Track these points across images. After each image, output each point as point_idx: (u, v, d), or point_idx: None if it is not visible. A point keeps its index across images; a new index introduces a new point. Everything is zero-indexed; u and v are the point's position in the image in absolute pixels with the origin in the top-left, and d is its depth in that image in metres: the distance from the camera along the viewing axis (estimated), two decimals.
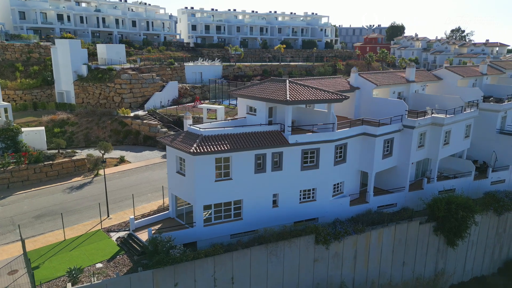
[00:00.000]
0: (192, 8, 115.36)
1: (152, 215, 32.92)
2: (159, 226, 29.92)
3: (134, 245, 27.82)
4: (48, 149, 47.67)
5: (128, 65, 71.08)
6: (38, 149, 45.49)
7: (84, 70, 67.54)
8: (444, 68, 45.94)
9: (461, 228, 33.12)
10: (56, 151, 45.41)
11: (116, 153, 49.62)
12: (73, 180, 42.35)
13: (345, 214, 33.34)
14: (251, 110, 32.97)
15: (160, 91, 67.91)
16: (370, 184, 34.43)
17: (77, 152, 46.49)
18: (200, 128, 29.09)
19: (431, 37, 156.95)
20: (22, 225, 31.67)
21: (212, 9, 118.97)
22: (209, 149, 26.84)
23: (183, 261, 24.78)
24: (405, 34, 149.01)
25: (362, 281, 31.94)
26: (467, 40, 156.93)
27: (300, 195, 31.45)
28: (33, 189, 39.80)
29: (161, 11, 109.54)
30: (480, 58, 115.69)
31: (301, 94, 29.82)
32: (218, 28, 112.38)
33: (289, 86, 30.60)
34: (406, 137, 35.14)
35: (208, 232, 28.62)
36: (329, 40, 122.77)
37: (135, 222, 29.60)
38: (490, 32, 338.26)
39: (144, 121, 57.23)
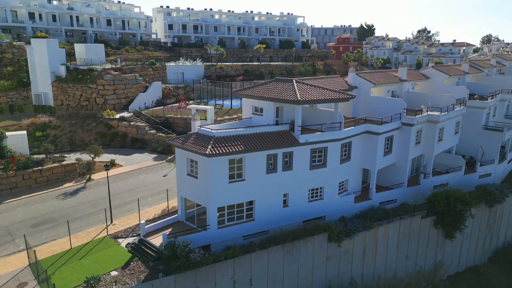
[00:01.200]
0: (167, 7, 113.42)
1: (158, 219, 32.22)
2: (169, 230, 29.30)
3: (148, 250, 27.11)
4: (31, 154, 45.49)
5: (109, 66, 68.99)
6: (23, 154, 43.31)
7: (62, 71, 64.94)
8: (431, 68, 47.71)
9: (459, 221, 34.58)
10: (44, 156, 43.43)
11: (105, 157, 48.08)
12: (64, 186, 40.64)
13: (350, 211, 33.96)
14: (257, 111, 32.89)
15: (144, 92, 66.39)
16: (373, 181, 35.25)
17: (65, 157, 44.63)
18: (212, 129, 28.74)
19: (401, 37, 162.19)
20: (20, 235, 30.12)
21: (188, 8, 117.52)
22: (224, 151, 26.57)
23: (204, 264, 24.43)
24: (376, 35, 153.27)
25: (370, 277, 32.68)
26: (433, 40, 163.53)
27: (309, 194, 31.72)
28: (23, 196, 37.90)
29: (136, 10, 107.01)
30: (448, 57, 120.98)
31: (310, 94, 30.10)
32: (195, 27, 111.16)
33: (297, 86, 30.79)
34: (405, 135, 36.24)
35: (222, 235, 28.34)
36: (305, 40, 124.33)
37: (146, 227, 28.83)
38: (455, 32, 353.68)
39: (131, 123, 55.79)
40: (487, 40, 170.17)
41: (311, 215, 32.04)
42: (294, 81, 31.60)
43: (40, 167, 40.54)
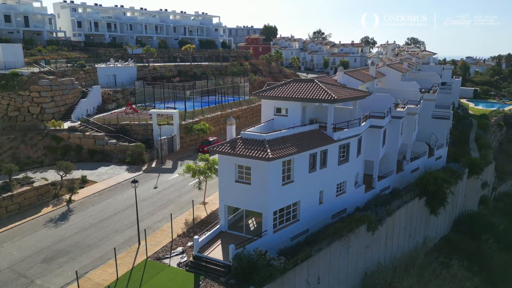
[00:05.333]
0: (72, 2, 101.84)
1: (189, 233, 30.17)
2: (218, 242, 27.75)
3: (212, 266, 25.32)
4: None
5: (37, 69, 59.73)
6: None
7: None
8: (386, 66, 53.37)
9: (444, 198, 40.03)
10: (7, 179, 36.12)
11: (73, 173, 42.06)
12: (44, 212, 34.62)
13: (362, 201, 36.55)
14: (281, 112, 33.00)
15: (84, 97, 59.31)
16: (376, 171, 38.37)
17: (31, 178, 37.81)
18: (256, 133, 28.07)
19: (304, 37, 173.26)
20: (35, 274, 25.17)
21: (96, 4, 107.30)
22: (282, 154, 26.32)
23: (287, 270, 24.04)
24: (282, 35, 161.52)
25: (388, 258, 35.74)
26: (327, 40, 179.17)
27: (336, 189, 33.24)
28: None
29: (36, 4, 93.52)
30: (351, 57, 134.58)
31: (339, 93, 31.51)
32: (109, 25, 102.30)
33: (324, 85, 31.86)
34: (394, 127, 40.23)
35: (276, 239, 28.01)
36: (225, 40, 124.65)
37: (200, 241, 26.77)
38: (340, 33, 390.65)
39: (87, 133, 49.61)
40: (366, 41, 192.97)
41: (337, 209, 33.60)
42: (318, 81, 32.61)
43: (9, 193, 33.77)
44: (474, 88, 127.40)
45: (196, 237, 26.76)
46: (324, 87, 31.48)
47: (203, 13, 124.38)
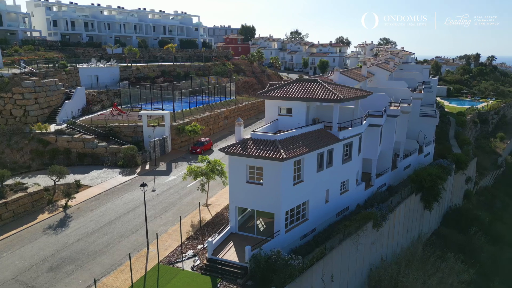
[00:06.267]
0: (46, 0, 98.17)
1: (197, 236, 29.79)
2: (231, 244, 27.54)
3: (228, 268, 25.09)
4: None
5: (17, 70, 57.24)
6: None
7: None
8: (375, 66, 54.49)
9: (438, 194, 41.32)
10: None
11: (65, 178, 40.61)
12: (40, 219, 33.25)
13: (362, 198, 37.20)
14: (285, 112, 33.10)
15: (69, 99, 57.35)
16: (374, 169, 39.13)
17: (24, 184, 36.23)
18: (271, 133, 28.07)
19: (282, 38, 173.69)
20: (44, 284, 24.18)
21: (72, 3, 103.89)
22: (294, 153, 26.42)
23: (305, 269, 24.16)
24: (261, 35, 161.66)
25: (390, 254, 36.53)
26: (304, 40, 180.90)
27: (340, 187, 33.67)
28: None
29: (9, 2, 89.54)
30: (330, 56, 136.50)
31: (343, 92, 31.91)
32: (86, 24, 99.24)
33: (328, 85, 32.19)
34: (390, 125, 41.16)
35: (287, 239, 28.08)
36: (206, 40, 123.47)
37: (213, 243, 26.45)
38: (316, 34, 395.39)
39: (75, 136, 47.98)
40: (340, 41, 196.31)
41: (341, 207, 34.05)
42: (321, 81, 32.91)
43: (4, 200, 32.23)
44: (448, 87, 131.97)
45: (210, 239, 26.44)
46: (329, 87, 31.81)
47: (182, 12, 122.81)
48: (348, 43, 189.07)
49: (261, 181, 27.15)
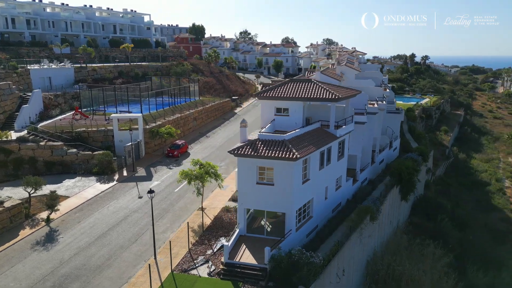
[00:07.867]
0: None
1: (203, 241, 29.08)
2: (243, 247, 27.20)
3: (248, 271, 24.76)
4: None
5: None
6: None
7: None
8: (344, 66, 56.54)
9: (414, 185, 44.02)
10: None
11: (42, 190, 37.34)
12: (23, 235, 30.37)
13: (350, 193, 38.59)
14: (281, 112, 33.29)
15: (25, 103, 52.78)
16: (358, 164, 40.70)
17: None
18: (271, 133, 28.10)
19: (232, 38, 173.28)
20: None
21: None
22: (305, 152, 26.76)
23: (325, 266, 24.61)
24: (212, 35, 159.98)
25: (379, 244, 38.24)
26: (253, 40, 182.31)
27: (335, 184, 34.65)
28: None
29: None
30: (283, 57, 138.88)
31: (339, 92, 32.82)
32: (28, 22, 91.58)
33: (323, 85, 32.92)
34: (370, 122, 42.97)
35: (298, 237, 28.37)
36: (159, 40, 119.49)
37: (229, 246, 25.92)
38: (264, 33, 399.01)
39: (41, 144, 44.30)
40: (286, 41, 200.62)
41: (336, 203, 35.06)
42: (315, 81, 33.58)
43: None
44: (392, 85, 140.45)
45: (225, 243, 25.90)
46: (324, 87, 32.57)
47: (132, 10, 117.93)
48: (294, 43, 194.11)
49: (271, 181, 27.11)
